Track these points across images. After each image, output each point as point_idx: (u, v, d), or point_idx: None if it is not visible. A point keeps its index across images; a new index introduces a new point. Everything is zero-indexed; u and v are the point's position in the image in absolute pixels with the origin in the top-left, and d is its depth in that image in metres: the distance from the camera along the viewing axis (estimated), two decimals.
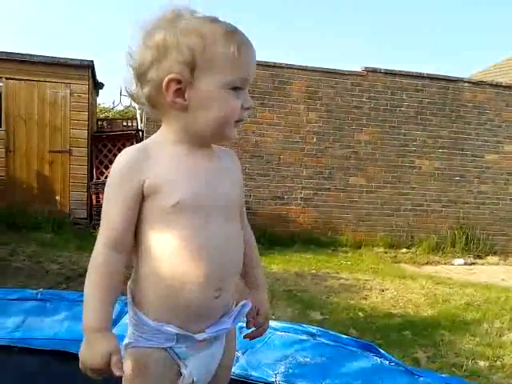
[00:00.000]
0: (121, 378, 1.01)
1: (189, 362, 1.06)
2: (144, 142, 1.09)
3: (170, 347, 1.04)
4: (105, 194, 1.02)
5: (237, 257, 1.11)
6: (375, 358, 1.56)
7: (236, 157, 1.22)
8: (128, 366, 1.04)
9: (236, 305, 1.15)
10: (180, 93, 0.98)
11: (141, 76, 1.02)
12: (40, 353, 1.51)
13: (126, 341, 1.06)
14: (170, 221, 1.00)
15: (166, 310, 1.03)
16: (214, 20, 1.01)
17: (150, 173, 0.99)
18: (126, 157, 1.02)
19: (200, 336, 1.05)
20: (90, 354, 0.96)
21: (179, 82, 0.97)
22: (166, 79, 0.97)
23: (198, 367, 1.08)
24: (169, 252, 1.01)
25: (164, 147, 1.03)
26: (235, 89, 1.00)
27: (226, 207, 1.08)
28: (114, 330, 1.00)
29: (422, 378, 1.46)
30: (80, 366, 0.97)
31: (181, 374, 1.05)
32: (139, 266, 1.05)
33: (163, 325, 1.02)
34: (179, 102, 0.99)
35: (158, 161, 1.01)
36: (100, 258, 0.99)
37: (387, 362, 1.53)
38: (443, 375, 1.71)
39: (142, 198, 1.00)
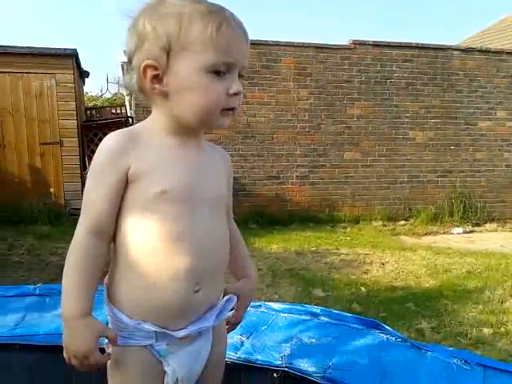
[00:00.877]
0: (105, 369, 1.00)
1: (171, 359, 1.02)
2: (132, 127, 1.06)
3: (150, 345, 1.00)
4: (88, 179, 0.98)
5: (220, 251, 1.07)
6: (381, 335, 1.54)
7: (228, 156, 1.17)
8: (109, 364, 1.02)
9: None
10: (159, 79, 0.95)
11: (130, 62, 0.99)
12: (42, 349, 1.49)
13: (106, 339, 1.01)
14: (151, 210, 0.96)
15: (142, 307, 0.99)
16: (198, 1, 0.95)
17: (135, 159, 0.95)
18: (111, 142, 0.97)
19: (179, 333, 1.01)
20: (74, 343, 0.93)
21: (155, 68, 0.94)
22: (142, 66, 0.94)
23: (181, 365, 1.04)
24: (146, 243, 0.96)
25: (152, 135, 1.00)
26: (218, 73, 0.94)
27: (212, 200, 1.04)
28: None
29: (429, 353, 1.45)
30: (64, 355, 0.95)
31: (165, 372, 1.02)
32: (116, 260, 1.01)
33: (140, 322, 0.98)
34: (158, 89, 0.95)
35: (144, 148, 0.97)
36: (83, 245, 0.95)
37: (393, 339, 1.51)
38: (450, 348, 1.70)
39: (125, 185, 0.96)
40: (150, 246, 0.97)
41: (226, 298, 1.11)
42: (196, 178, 1.01)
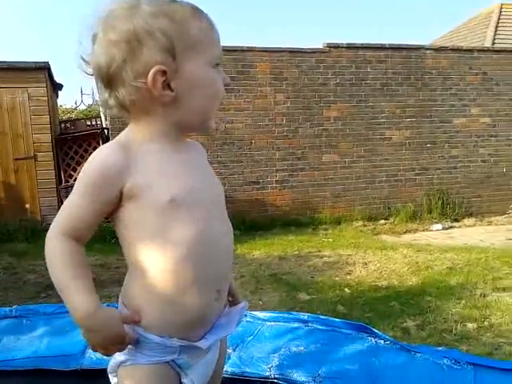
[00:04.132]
0: None
1: (190, 370, 1.00)
2: (121, 137, 0.97)
3: (172, 360, 0.97)
4: (75, 188, 0.92)
5: (231, 254, 1.05)
6: (370, 338, 1.53)
7: (200, 145, 1.13)
8: (121, 379, 0.97)
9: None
10: (166, 84, 0.90)
11: (111, 78, 0.90)
12: (21, 374, 1.44)
13: (119, 358, 0.96)
14: (163, 223, 0.91)
15: (167, 323, 0.95)
16: (174, 0, 0.93)
17: (131, 174, 0.90)
18: (103, 157, 0.92)
19: (203, 344, 0.98)
20: (105, 336, 0.89)
21: (164, 72, 0.89)
22: (151, 73, 0.87)
23: (198, 374, 1.02)
24: (163, 259, 0.92)
25: (148, 143, 0.94)
26: (216, 66, 0.96)
27: (219, 203, 1.02)
28: None
29: (419, 354, 1.44)
30: (100, 351, 0.92)
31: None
32: (132, 277, 0.97)
33: (166, 338, 0.94)
34: (168, 94, 0.90)
35: (140, 160, 0.92)
36: (62, 245, 0.91)
37: (382, 342, 1.51)
38: (439, 348, 1.70)
39: (119, 202, 0.91)
40: (169, 261, 0.92)
41: (242, 305, 1.10)
42: (199, 180, 0.98)
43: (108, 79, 0.91)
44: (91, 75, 0.94)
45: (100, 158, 0.92)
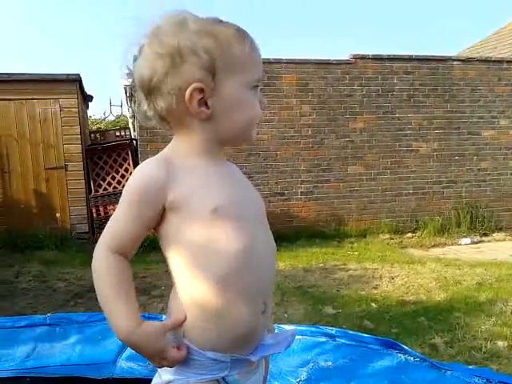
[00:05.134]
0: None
1: None
2: (163, 152, 0.99)
3: (223, 377, 0.96)
4: (120, 204, 0.94)
5: (275, 264, 1.06)
6: (399, 355, 1.51)
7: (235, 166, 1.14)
8: None
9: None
10: (203, 101, 0.92)
11: (153, 90, 0.93)
12: (54, 381, 1.47)
13: (166, 377, 0.95)
14: (209, 234, 0.91)
15: (218, 339, 0.93)
16: (221, 21, 0.95)
17: (174, 188, 0.91)
18: (146, 172, 0.93)
19: (253, 357, 0.97)
20: (146, 353, 0.90)
21: (202, 90, 0.91)
22: (189, 90, 0.90)
23: None
24: (210, 270, 0.91)
25: (188, 157, 0.96)
26: (254, 88, 0.97)
27: (261, 215, 1.04)
28: None
29: (449, 372, 1.41)
30: (151, 362, 0.92)
31: None
32: (179, 292, 0.95)
33: (220, 353, 0.94)
34: (203, 112, 0.92)
35: (183, 173, 0.93)
36: (107, 262, 0.91)
37: (412, 358, 1.48)
38: (470, 367, 1.66)
39: (162, 217, 0.92)
40: (213, 275, 0.91)
41: (292, 331, 1.08)
42: (241, 193, 1.00)
43: (149, 90, 0.93)
44: (135, 84, 0.96)
45: (142, 173, 0.93)
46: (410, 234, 6.88)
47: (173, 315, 0.97)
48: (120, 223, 0.94)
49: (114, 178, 6.81)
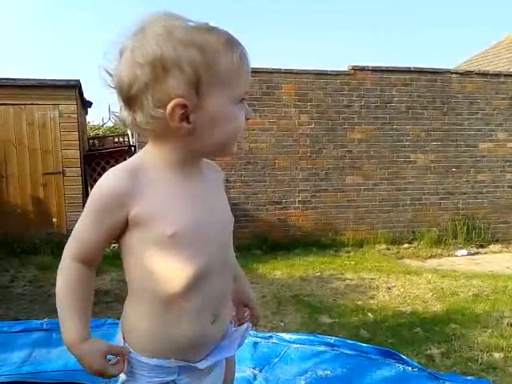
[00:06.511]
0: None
1: None
2: (133, 160, 0.96)
3: (173, 380, 0.98)
4: (84, 212, 0.94)
5: (231, 278, 1.07)
6: (397, 364, 1.51)
7: (219, 169, 1.12)
8: None
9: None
10: (184, 116, 0.87)
11: (131, 99, 0.88)
12: None
13: (122, 377, 0.98)
14: (166, 255, 0.92)
15: (163, 346, 0.96)
16: (211, 29, 0.89)
17: (138, 201, 0.90)
18: (111, 182, 0.91)
19: (202, 365, 0.99)
20: (85, 365, 0.92)
21: (184, 106, 0.85)
22: (171, 105, 0.85)
23: None
24: (163, 287, 0.93)
25: (158, 170, 0.93)
26: (241, 101, 0.93)
27: (222, 229, 1.02)
28: None
29: (447, 383, 1.41)
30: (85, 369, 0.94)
31: None
32: (130, 302, 0.99)
33: (163, 360, 0.96)
34: (184, 127, 0.87)
35: (150, 187, 0.91)
36: (70, 271, 0.93)
37: (410, 368, 1.48)
38: (469, 377, 1.66)
39: (125, 227, 0.92)
40: (165, 292, 0.93)
41: (244, 326, 1.11)
42: (205, 213, 0.97)
43: (128, 99, 0.88)
44: (114, 88, 0.91)
45: (105, 184, 0.92)
46: (406, 245, 6.89)
47: (125, 323, 1.00)
48: (82, 232, 0.95)
49: None
